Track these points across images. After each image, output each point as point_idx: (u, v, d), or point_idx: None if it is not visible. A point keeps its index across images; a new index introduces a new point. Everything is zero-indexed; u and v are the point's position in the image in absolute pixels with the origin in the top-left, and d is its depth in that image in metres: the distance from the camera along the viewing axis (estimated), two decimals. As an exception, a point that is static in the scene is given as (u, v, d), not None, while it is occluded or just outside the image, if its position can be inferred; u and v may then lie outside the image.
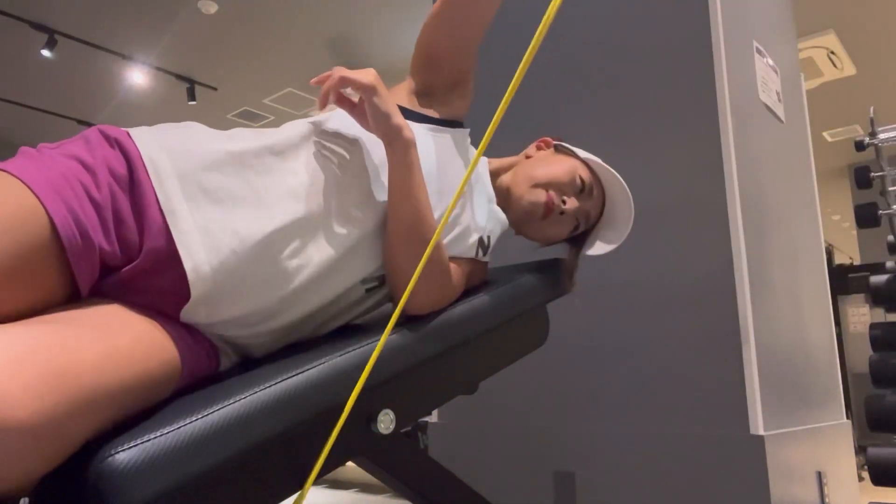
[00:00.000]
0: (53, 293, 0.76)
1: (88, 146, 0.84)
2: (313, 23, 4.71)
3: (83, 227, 0.76)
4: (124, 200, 0.82)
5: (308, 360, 0.87)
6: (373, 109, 0.96)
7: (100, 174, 0.81)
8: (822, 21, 4.58)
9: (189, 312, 0.86)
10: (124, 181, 0.83)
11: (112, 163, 0.83)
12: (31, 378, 0.60)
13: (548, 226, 1.21)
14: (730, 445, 1.70)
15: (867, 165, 2.71)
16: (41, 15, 4.60)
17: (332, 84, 0.95)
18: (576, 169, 1.21)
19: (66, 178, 0.77)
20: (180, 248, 0.82)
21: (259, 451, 0.78)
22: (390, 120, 0.97)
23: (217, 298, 0.86)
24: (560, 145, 1.29)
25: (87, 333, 0.70)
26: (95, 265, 0.79)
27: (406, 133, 0.98)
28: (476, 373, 1.15)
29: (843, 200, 8.22)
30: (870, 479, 2.24)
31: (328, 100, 0.96)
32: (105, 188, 0.81)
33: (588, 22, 2.22)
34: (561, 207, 1.18)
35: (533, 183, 1.19)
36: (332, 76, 0.96)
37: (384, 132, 0.97)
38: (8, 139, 6.81)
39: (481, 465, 2.15)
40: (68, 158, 0.80)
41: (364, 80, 0.95)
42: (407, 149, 0.98)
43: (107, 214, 0.80)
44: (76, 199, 0.77)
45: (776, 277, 1.99)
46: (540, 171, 1.20)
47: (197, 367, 0.87)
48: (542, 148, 1.30)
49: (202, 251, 0.83)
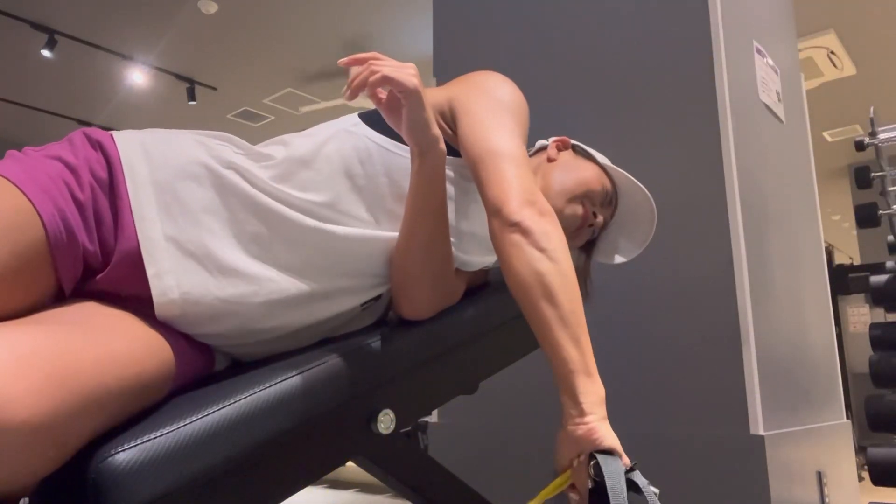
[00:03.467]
0: (45, 294, 0.76)
1: (72, 148, 0.84)
2: (313, 23, 4.71)
3: (69, 225, 0.76)
4: (104, 202, 0.82)
5: (308, 360, 0.87)
6: (413, 117, 0.88)
7: (82, 175, 0.81)
8: (822, 21, 4.58)
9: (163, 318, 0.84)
10: (105, 183, 0.83)
11: (94, 164, 0.83)
12: (33, 378, 0.60)
13: (574, 237, 1.17)
14: (730, 445, 1.70)
15: (867, 165, 2.71)
16: (41, 15, 4.60)
17: (370, 80, 0.85)
18: (602, 177, 1.18)
19: (51, 177, 0.78)
20: (144, 255, 0.81)
21: (259, 451, 0.78)
22: (428, 130, 0.90)
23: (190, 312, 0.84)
24: (577, 146, 1.25)
25: (83, 334, 0.70)
26: (79, 264, 0.79)
27: (441, 146, 0.92)
28: (476, 373, 1.15)
29: (843, 200, 8.22)
30: (870, 479, 2.24)
31: (359, 92, 0.87)
32: (87, 189, 0.81)
33: (587, 22, 2.22)
34: (592, 221, 1.15)
35: (570, 195, 1.13)
36: (370, 67, 0.86)
37: (420, 142, 0.91)
38: (8, 139, 6.81)
39: (481, 465, 2.15)
40: (52, 159, 0.81)
41: (408, 85, 0.86)
42: (438, 162, 0.93)
43: (88, 214, 0.80)
44: (61, 197, 0.77)
45: (776, 277, 1.98)
46: (572, 181, 1.15)
47: (192, 367, 0.87)
48: (561, 149, 1.24)
49: (167, 260, 0.82)
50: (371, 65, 0.86)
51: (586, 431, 0.80)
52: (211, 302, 0.84)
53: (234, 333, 0.89)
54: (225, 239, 0.86)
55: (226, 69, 5.39)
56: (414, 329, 1.01)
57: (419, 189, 0.93)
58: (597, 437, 0.80)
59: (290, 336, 0.96)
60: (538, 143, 1.29)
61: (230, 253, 0.86)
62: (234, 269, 0.86)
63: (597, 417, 0.81)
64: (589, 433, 0.80)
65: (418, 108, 0.88)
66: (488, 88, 1.02)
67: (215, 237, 0.86)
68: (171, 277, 0.82)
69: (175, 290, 0.82)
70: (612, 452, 0.81)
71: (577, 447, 0.82)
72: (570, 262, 0.87)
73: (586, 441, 0.80)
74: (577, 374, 0.81)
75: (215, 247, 0.85)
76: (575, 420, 0.81)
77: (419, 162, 0.92)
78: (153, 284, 0.81)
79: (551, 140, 1.25)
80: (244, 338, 0.91)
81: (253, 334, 0.91)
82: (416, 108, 0.88)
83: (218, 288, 0.84)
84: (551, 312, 0.83)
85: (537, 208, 0.88)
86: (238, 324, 0.88)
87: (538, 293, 0.84)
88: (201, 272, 0.84)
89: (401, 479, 1.00)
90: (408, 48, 5.09)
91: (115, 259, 0.81)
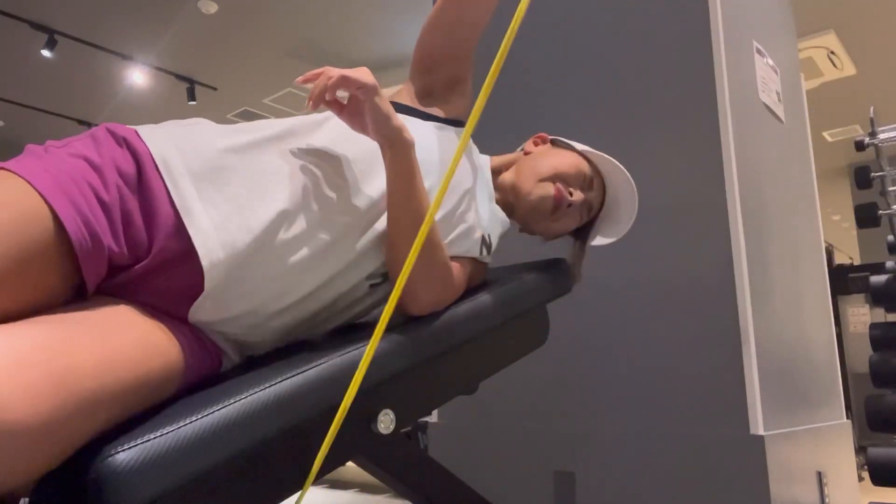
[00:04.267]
0: (56, 293, 0.75)
1: (96, 145, 0.83)
2: (314, 23, 4.71)
3: (93, 228, 0.75)
4: (132, 200, 0.82)
5: (308, 360, 0.87)
6: (374, 111, 0.92)
7: (107, 174, 0.80)
8: (822, 21, 4.58)
9: (197, 310, 0.85)
10: (132, 181, 0.83)
11: (120, 162, 0.83)
12: (32, 379, 0.59)
13: (556, 220, 1.22)
14: (730, 445, 1.70)
15: (867, 165, 2.71)
16: (41, 15, 4.60)
17: (329, 84, 0.90)
18: (578, 161, 1.23)
19: (73, 178, 0.77)
20: (199, 248, 0.82)
21: (259, 452, 0.78)
22: (390, 121, 0.94)
23: (228, 293, 0.86)
24: (557, 140, 1.31)
25: (88, 334, 0.69)
26: (103, 266, 0.78)
27: (407, 135, 0.96)
28: (476, 373, 1.15)
29: (843, 200, 8.21)
30: (870, 479, 2.24)
31: (321, 101, 0.91)
32: (113, 188, 0.80)
33: (587, 22, 2.22)
34: (569, 200, 1.19)
35: (539, 177, 1.19)
36: (327, 74, 0.90)
37: (384, 134, 0.94)
38: (8, 139, 6.81)
39: (481, 465, 2.15)
40: (75, 158, 0.80)
41: (364, 80, 0.91)
42: (408, 151, 0.96)
43: (115, 215, 0.79)
44: (84, 200, 0.76)
45: (776, 277, 1.98)
46: (544, 165, 1.21)
47: (200, 368, 0.87)
48: (538, 144, 1.31)
49: (219, 249, 0.83)
50: (326, 71, 0.91)
51: None
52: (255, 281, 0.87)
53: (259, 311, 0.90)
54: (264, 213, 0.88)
55: (226, 69, 5.39)
56: (414, 329, 1.01)
57: (395, 180, 0.96)
58: None
59: (306, 321, 0.97)
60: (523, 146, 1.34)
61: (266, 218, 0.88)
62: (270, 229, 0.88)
63: None
64: None
65: (378, 102, 0.92)
66: None
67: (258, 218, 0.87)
68: (223, 267, 0.83)
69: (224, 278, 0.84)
70: None
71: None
72: None
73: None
74: None
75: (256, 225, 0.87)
76: None
77: (390, 154, 0.96)
78: (208, 275, 0.82)
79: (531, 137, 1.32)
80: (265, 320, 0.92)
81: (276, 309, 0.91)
82: (375, 102, 0.92)
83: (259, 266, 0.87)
84: None
85: None
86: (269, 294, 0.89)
87: None
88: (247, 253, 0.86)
89: (401, 479, 1.00)
90: (407, 48, 5.09)
91: (152, 254, 0.81)
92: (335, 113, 0.97)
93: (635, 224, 1.37)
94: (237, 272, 0.85)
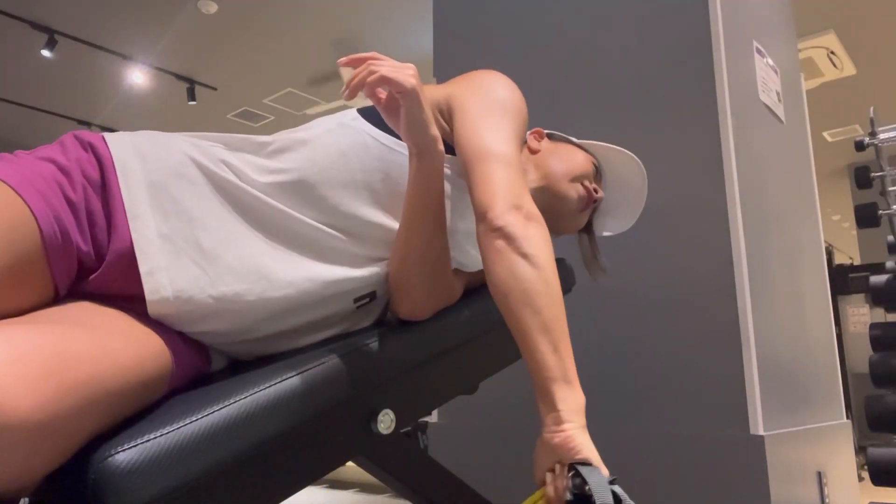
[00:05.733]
0: (43, 294, 0.76)
1: (63, 150, 0.84)
2: (314, 23, 4.71)
3: (63, 225, 0.76)
4: (97, 203, 0.82)
5: (307, 361, 0.87)
6: (411, 117, 0.88)
7: (74, 175, 0.81)
8: (822, 21, 4.58)
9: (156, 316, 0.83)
10: (97, 184, 0.83)
11: (85, 165, 0.83)
12: (33, 376, 0.60)
13: (582, 217, 1.23)
14: (730, 445, 1.70)
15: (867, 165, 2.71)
16: (41, 15, 4.59)
17: (369, 80, 0.85)
18: (584, 155, 1.25)
19: (44, 178, 0.78)
20: (138, 252, 0.81)
21: (259, 451, 0.78)
22: (427, 130, 0.90)
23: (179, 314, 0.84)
24: (553, 134, 1.31)
25: (82, 333, 0.70)
26: (73, 264, 0.79)
27: (440, 146, 0.92)
28: (476, 373, 1.15)
29: (843, 200, 8.22)
30: (870, 479, 2.24)
31: (358, 92, 0.86)
32: (80, 189, 0.81)
33: (588, 22, 2.22)
34: (595, 196, 1.21)
35: (571, 177, 1.19)
36: (369, 66, 0.86)
37: (418, 142, 0.90)
38: (8, 139, 6.81)
39: (481, 465, 2.15)
40: (44, 161, 0.81)
41: (406, 85, 0.86)
42: (436, 162, 0.92)
43: (81, 215, 0.80)
44: (55, 198, 0.77)
45: (776, 277, 1.98)
46: (568, 164, 1.21)
47: (189, 366, 0.86)
48: (539, 139, 1.29)
49: (161, 258, 0.82)
50: (370, 64, 0.86)
51: (563, 440, 0.78)
52: (204, 300, 0.84)
53: (229, 331, 0.89)
54: (218, 237, 0.86)
55: (226, 69, 5.39)
56: (414, 329, 1.01)
57: (417, 189, 0.93)
58: (574, 446, 0.78)
59: (286, 336, 0.96)
60: None
61: (223, 250, 0.86)
62: (227, 267, 0.86)
63: (575, 426, 0.79)
64: (566, 441, 0.78)
65: (417, 109, 0.88)
66: (486, 88, 1.02)
67: (209, 235, 0.85)
68: (164, 275, 0.81)
69: (168, 288, 0.81)
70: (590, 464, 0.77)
71: (554, 456, 0.79)
72: (553, 266, 0.86)
73: (563, 450, 0.78)
74: (556, 381, 0.80)
75: (208, 245, 0.85)
76: (552, 428, 0.79)
77: (418, 162, 0.92)
78: (146, 282, 0.80)
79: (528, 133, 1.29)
80: (240, 335, 0.91)
81: (248, 332, 0.90)
82: (414, 108, 0.88)
83: (211, 286, 0.84)
84: (531, 319, 0.82)
85: (523, 213, 0.87)
86: (232, 322, 0.87)
87: (518, 299, 0.83)
88: (194, 269, 0.83)
89: (401, 479, 1.00)
90: (408, 48, 5.09)
91: (108, 259, 0.81)
92: (374, 103, 0.92)
93: (635, 224, 1.37)
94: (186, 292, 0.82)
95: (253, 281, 0.87)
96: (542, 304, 0.82)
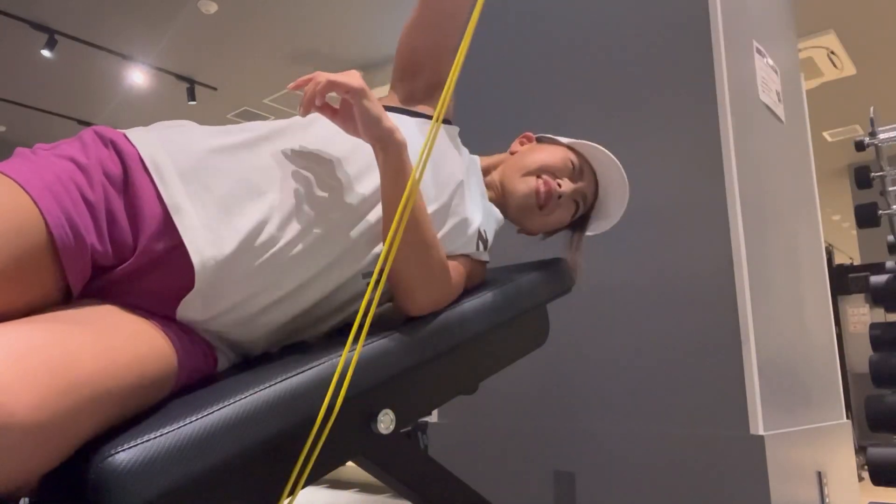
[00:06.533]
0: (49, 294, 0.76)
1: (83, 147, 0.84)
2: (314, 23, 4.71)
3: (76, 227, 0.76)
4: (118, 200, 0.82)
5: (308, 360, 0.87)
6: (363, 113, 0.92)
7: (94, 174, 0.81)
8: (822, 21, 4.58)
9: (186, 307, 0.85)
10: (118, 181, 0.83)
11: (106, 163, 0.83)
12: (34, 376, 0.60)
13: (548, 214, 1.22)
14: (730, 445, 1.70)
15: (867, 165, 2.71)
16: (41, 15, 4.60)
17: (317, 89, 0.91)
18: (564, 153, 1.24)
19: (59, 178, 0.78)
20: (189, 245, 0.82)
21: (259, 451, 0.78)
22: (381, 123, 0.93)
23: (218, 288, 0.86)
24: (542, 137, 1.32)
25: (85, 333, 0.70)
26: (87, 265, 0.79)
27: (398, 136, 0.95)
28: (476, 373, 1.15)
29: (843, 200, 8.22)
30: (870, 479, 2.24)
31: (312, 106, 0.92)
32: (98, 188, 0.81)
33: (587, 22, 2.22)
34: (558, 191, 1.19)
35: (524, 172, 1.21)
36: (316, 80, 0.91)
37: (376, 136, 0.94)
38: (8, 139, 6.81)
39: (481, 465, 2.15)
40: (63, 159, 0.81)
41: (353, 84, 0.91)
42: (400, 152, 0.95)
43: (100, 214, 0.80)
44: (70, 199, 0.77)
45: (776, 277, 1.98)
46: (528, 161, 1.22)
47: (194, 367, 0.87)
48: (524, 143, 1.32)
49: (209, 247, 0.84)
50: (315, 77, 0.92)
51: None
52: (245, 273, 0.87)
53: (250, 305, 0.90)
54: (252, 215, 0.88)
55: (226, 69, 5.39)
56: (414, 329, 1.01)
57: (389, 181, 0.96)
58: None
59: (299, 317, 0.97)
60: None
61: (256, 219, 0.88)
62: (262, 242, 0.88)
63: None
64: None
65: (367, 105, 0.92)
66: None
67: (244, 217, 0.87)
68: (212, 262, 0.84)
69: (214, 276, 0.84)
70: None
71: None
72: None
73: None
74: None
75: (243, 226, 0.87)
76: None
77: (383, 156, 0.95)
78: (199, 274, 0.83)
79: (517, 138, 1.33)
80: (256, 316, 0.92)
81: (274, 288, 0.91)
82: (364, 104, 0.92)
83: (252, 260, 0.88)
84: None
85: None
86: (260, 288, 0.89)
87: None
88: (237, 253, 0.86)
89: (401, 479, 1.00)
90: (408, 48, 5.09)
91: (136, 255, 0.81)
92: (328, 117, 0.97)
93: (635, 224, 1.37)
94: (227, 268, 0.85)
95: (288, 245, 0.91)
96: None
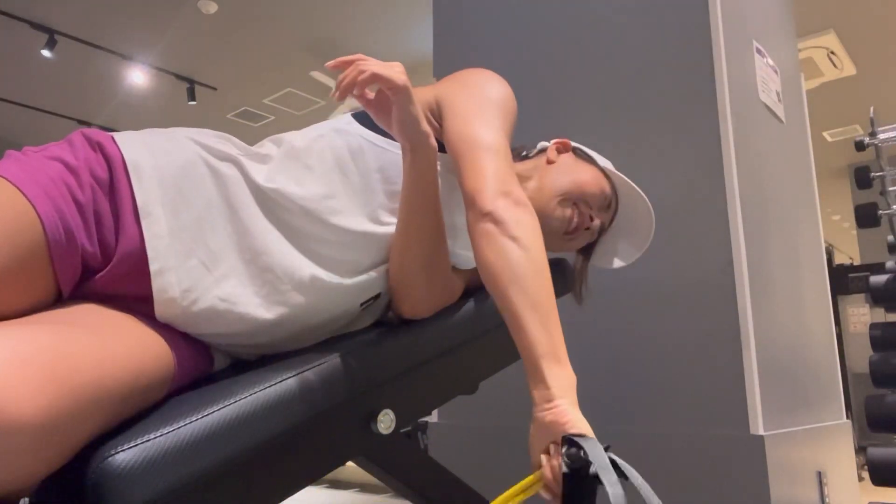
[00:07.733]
0: (41, 295, 0.76)
1: (72, 149, 0.84)
2: (314, 23, 4.71)
3: (68, 227, 0.76)
4: (104, 202, 0.82)
5: (308, 361, 0.87)
6: (403, 113, 0.89)
7: (82, 175, 0.81)
8: (822, 21, 4.58)
9: (163, 312, 0.84)
10: (105, 184, 0.83)
11: (94, 165, 0.83)
12: (34, 378, 0.60)
13: (570, 240, 1.17)
14: (730, 445, 1.70)
15: (867, 165, 2.71)
16: (41, 15, 4.59)
17: (359, 79, 0.85)
18: (601, 181, 1.16)
19: (51, 178, 0.78)
20: (149, 251, 0.81)
21: (259, 452, 0.78)
22: (419, 126, 0.90)
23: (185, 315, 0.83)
24: (578, 149, 1.24)
25: (83, 334, 0.70)
26: (78, 265, 0.79)
27: (432, 141, 0.92)
28: (476, 373, 1.15)
29: (843, 200, 8.21)
30: (870, 479, 2.24)
31: (348, 93, 0.87)
32: (88, 189, 0.81)
33: (588, 22, 2.22)
34: (588, 224, 1.14)
35: (562, 196, 1.13)
36: (358, 67, 0.86)
37: (411, 138, 0.91)
38: (8, 139, 6.80)
39: (481, 465, 2.15)
40: (52, 160, 0.81)
41: (397, 82, 0.87)
42: (430, 157, 0.92)
43: (89, 215, 0.80)
44: (61, 198, 0.77)
45: (776, 277, 1.98)
46: (568, 183, 1.14)
47: (191, 367, 0.87)
48: (561, 151, 1.22)
49: (171, 257, 0.82)
50: (358, 65, 0.86)
51: (556, 415, 0.77)
52: (210, 301, 0.84)
53: (233, 333, 0.89)
54: (225, 237, 0.87)
55: (226, 69, 5.38)
56: (413, 329, 1.01)
57: (412, 185, 0.93)
58: (567, 421, 0.76)
59: (291, 338, 0.96)
60: (539, 145, 1.27)
61: (230, 251, 0.86)
62: (232, 268, 0.86)
63: (566, 402, 0.78)
64: (558, 417, 0.77)
65: (408, 105, 0.88)
66: (475, 84, 1.02)
67: (216, 235, 0.86)
68: (172, 274, 0.82)
69: (175, 288, 0.82)
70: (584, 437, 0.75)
71: (548, 435, 0.78)
72: (542, 249, 0.86)
73: (556, 426, 0.77)
74: (545, 358, 0.79)
75: (216, 245, 0.86)
76: (543, 406, 0.78)
77: (411, 158, 0.92)
78: (155, 281, 0.81)
79: (552, 142, 1.23)
80: (244, 338, 0.91)
81: (252, 335, 0.90)
82: (405, 104, 0.88)
83: (217, 286, 0.85)
84: (520, 298, 0.81)
85: (512, 199, 0.87)
86: (237, 324, 0.87)
87: (507, 280, 0.82)
88: (201, 270, 0.84)
89: (401, 479, 1.00)
90: (407, 49, 5.09)
91: (115, 259, 0.81)
92: (361, 104, 0.93)
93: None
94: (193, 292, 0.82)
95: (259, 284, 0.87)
96: (530, 284, 0.82)
